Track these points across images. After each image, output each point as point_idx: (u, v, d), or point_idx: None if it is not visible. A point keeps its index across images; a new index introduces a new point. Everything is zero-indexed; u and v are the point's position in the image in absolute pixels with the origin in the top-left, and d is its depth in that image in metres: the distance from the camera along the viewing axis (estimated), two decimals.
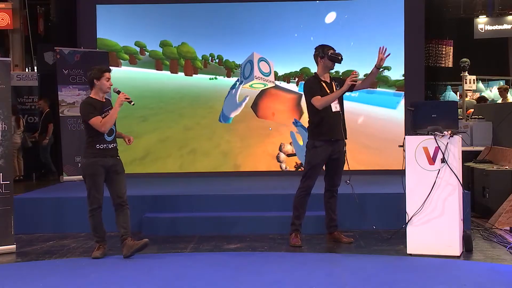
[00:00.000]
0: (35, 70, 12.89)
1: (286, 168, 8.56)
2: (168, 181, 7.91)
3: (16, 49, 12.30)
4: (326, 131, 5.32)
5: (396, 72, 8.52)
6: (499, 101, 11.58)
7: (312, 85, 5.39)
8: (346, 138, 5.42)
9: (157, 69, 8.78)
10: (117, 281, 4.36)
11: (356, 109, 8.37)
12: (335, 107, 5.34)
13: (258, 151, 8.66)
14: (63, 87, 8.10)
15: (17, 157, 10.02)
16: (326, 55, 5.36)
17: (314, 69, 5.65)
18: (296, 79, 8.66)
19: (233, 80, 8.74)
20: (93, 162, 4.95)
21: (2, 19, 11.92)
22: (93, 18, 8.68)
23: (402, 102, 8.46)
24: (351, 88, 5.40)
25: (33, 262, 5.04)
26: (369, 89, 7.70)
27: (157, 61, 8.78)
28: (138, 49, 8.75)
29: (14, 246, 5.37)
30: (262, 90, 8.70)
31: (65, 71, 8.11)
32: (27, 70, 12.79)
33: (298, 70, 8.64)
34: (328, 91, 5.33)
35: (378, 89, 8.54)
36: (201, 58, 8.79)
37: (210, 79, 8.79)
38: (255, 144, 8.67)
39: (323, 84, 5.38)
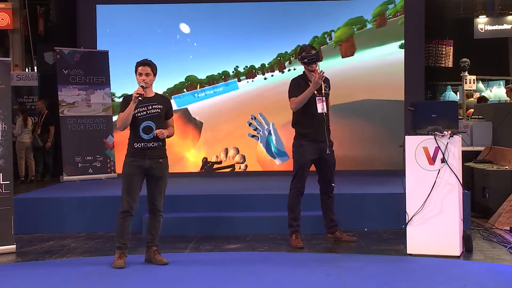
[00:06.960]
0: (35, 70, 12.90)
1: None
2: (168, 181, 7.86)
3: (16, 49, 12.29)
4: (310, 133, 5.29)
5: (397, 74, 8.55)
6: (508, 100, 11.60)
7: (294, 85, 5.34)
8: (330, 139, 5.36)
9: None
10: (117, 281, 4.36)
11: (356, 108, 8.37)
12: (321, 108, 5.27)
13: None
14: (63, 87, 8.09)
15: (28, 157, 9.92)
16: (301, 60, 5.34)
17: None
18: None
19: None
20: (130, 162, 4.75)
21: (2, 19, 11.92)
22: (93, 18, 8.68)
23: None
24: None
25: (33, 262, 5.04)
26: None
27: None
28: None
29: (14, 246, 5.36)
30: None
31: (65, 71, 8.10)
32: (27, 70, 12.80)
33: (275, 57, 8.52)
34: (315, 92, 5.27)
35: None
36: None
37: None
38: None
39: (310, 84, 5.29)
